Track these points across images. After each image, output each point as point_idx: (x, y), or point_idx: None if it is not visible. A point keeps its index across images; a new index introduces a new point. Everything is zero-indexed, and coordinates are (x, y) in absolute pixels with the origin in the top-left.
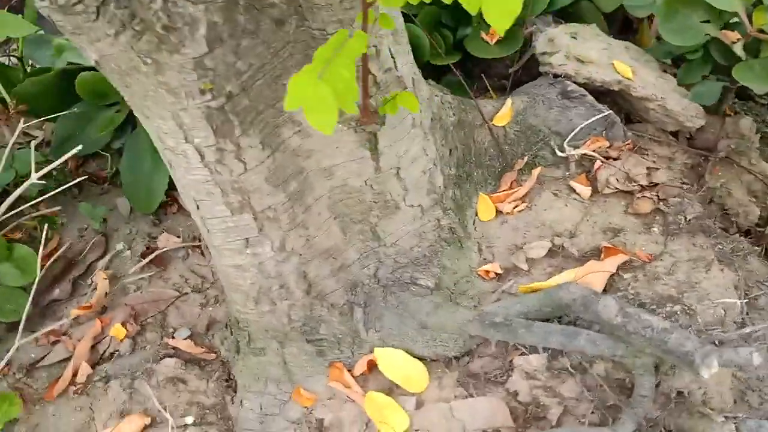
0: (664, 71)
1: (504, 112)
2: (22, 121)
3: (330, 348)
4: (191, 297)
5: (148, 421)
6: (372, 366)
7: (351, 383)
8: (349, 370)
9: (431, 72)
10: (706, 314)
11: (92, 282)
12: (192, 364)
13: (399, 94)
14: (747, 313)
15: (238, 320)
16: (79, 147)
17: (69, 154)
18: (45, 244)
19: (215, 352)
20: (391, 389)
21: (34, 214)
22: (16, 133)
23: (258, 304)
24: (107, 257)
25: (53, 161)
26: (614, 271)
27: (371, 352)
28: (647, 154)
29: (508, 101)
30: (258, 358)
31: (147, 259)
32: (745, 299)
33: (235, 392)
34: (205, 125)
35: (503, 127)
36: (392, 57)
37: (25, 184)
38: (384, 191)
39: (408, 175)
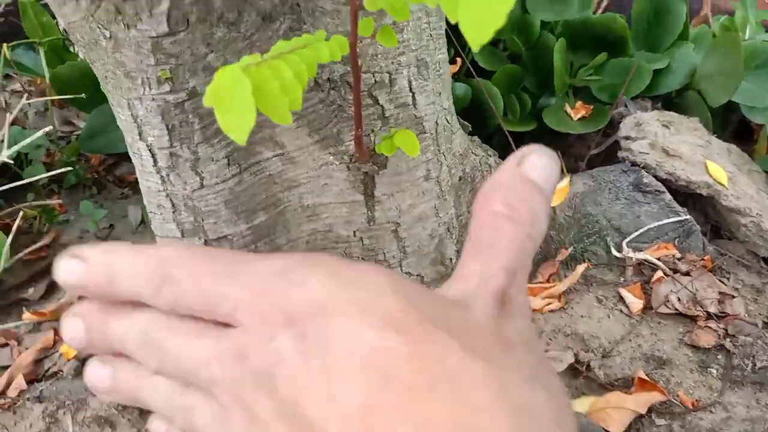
0: None
1: (557, 190)
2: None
3: None
4: None
5: None
6: None
7: None
8: None
9: (503, 138)
10: None
11: None
12: (132, 408)
13: (397, 131)
14: None
15: None
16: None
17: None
18: (39, 238)
19: None
20: None
21: (33, 203)
22: (17, 109)
23: None
24: None
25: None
26: (643, 412)
27: None
28: (728, 278)
29: (566, 179)
30: None
31: None
32: None
33: None
34: (159, 122)
35: (553, 208)
36: (411, 91)
37: None
38: (376, 248)
39: (410, 236)
